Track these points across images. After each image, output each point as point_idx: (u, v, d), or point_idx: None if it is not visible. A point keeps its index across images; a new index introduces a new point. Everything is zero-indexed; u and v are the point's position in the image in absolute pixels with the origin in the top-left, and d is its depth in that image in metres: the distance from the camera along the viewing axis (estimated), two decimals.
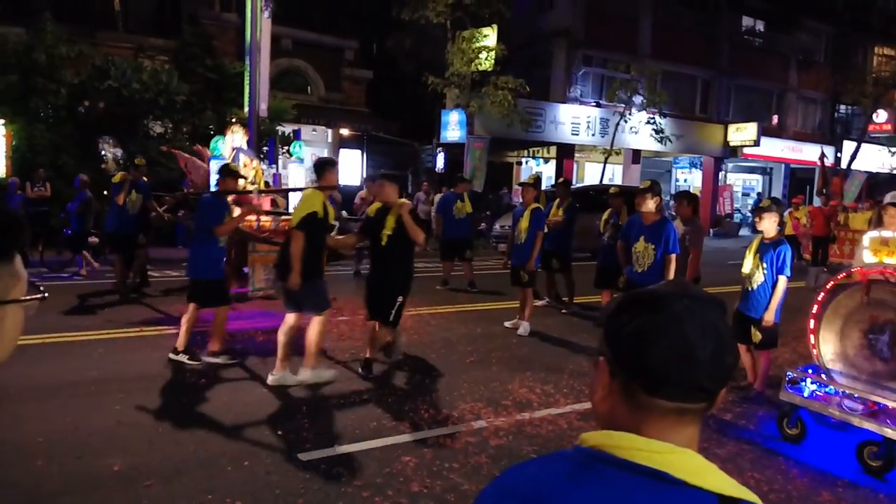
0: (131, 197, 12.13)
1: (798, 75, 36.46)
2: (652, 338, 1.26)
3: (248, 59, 18.26)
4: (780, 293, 7.55)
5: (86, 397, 7.01)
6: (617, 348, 1.31)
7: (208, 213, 8.29)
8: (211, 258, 8.26)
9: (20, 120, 17.82)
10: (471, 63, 23.54)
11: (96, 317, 10.14)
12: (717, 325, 1.28)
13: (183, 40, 21.05)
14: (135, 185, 12.24)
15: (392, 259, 7.92)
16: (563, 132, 28.51)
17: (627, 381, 1.30)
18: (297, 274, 7.27)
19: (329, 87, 26.89)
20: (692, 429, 1.31)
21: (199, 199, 9.50)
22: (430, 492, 5.28)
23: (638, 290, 1.36)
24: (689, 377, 1.26)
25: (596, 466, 1.26)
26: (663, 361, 1.25)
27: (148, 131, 19.74)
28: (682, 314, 1.27)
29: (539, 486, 1.28)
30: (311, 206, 7.41)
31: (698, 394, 1.28)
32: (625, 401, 1.31)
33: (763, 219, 7.75)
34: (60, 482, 5.17)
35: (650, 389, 1.27)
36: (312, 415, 6.42)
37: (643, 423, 1.29)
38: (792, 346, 9.93)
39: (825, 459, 6.33)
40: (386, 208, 7.95)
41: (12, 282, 1.26)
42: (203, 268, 8.24)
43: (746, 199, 38.22)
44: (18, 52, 17.69)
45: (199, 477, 5.37)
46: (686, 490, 1.21)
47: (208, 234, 8.13)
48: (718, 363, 1.27)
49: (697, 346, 1.25)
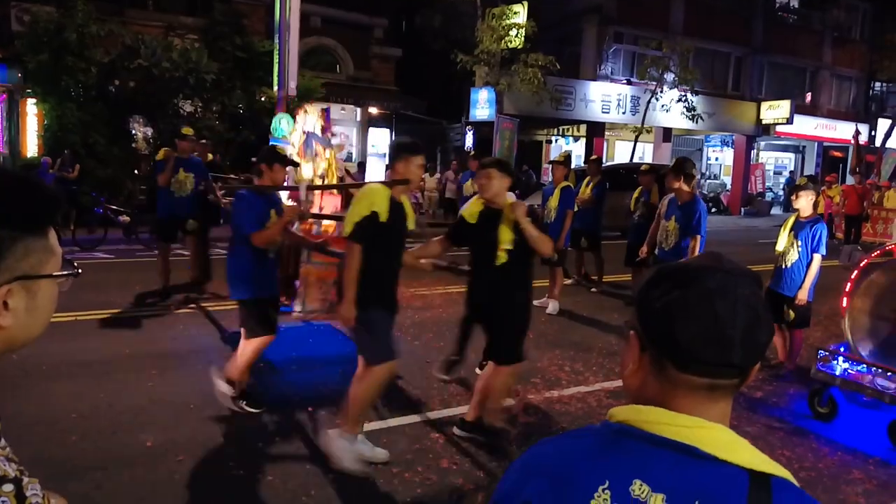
0: (178, 176, 10.13)
1: (832, 52, 35.94)
2: (682, 314, 1.25)
3: (278, 37, 18.28)
4: (814, 272, 7.48)
5: (119, 374, 7.08)
6: (648, 323, 1.30)
7: (241, 215, 6.17)
8: (249, 272, 6.17)
9: (51, 99, 17.97)
10: (500, 40, 23.44)
11: (128, 294, 10.21)
12: (750, 301, 1.26)
13: (213, 19, 21.08)
14: (183, 162, 10.20)
15: (508, 283, 5.58)
16: (594, 110, 28.31)
17: (658, 357, 1.29)
18: (350, 303, 5.09)
19: (358, 66, 26.88)
20: (723, 404, 1.29)
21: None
22: (459, 468, 5.31)
23: (672, 263, 1.35)
24: (720, 354, 1.24)
25: (623, 441, 1.26)
26: (694, 338, 1.24)
27: (178, 110, 19.84)
28: (713, 290, 1.25)
29: (567, 461, 1.29)
30: (368, 206, 5.13)
31: (729, 370, 1.26)
32: (655, 376, 1.30)
33: (800, 197, 7.68)
34: (95, 457, 5.23)
35: (681, 365, 1.26)
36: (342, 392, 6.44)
37: (673, 398, 1.28)
38: (824, 324, 9.86)
39: (856, 438, 6.29)
40: (495, 212, 5.58)
41: (46, 257, 1.26)
42: (240, 285, 6.20)
43: (778, 178, 37.82)
44: (49, 31, 17.73)
45: (230, 453, 5.43)
46: (715, 465, 1.21)
47: (245, 241, 6.10)
48: (751, 340, 1.25)
49: (729, 323, 1.23)
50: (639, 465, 1.23)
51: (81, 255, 13.57)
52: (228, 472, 5.08)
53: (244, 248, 6.12)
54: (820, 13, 34.75)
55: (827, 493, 5.23)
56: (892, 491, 5.36)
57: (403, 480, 5.10)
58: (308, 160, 8.32)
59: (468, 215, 5.74)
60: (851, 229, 21.16)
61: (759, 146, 36.26)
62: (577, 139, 32.04)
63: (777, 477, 1.21)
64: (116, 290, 9.46)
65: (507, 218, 5.47)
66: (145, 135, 19.77)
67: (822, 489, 5.28)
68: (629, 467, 1.23)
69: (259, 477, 5.04)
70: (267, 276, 6.31)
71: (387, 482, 5.07)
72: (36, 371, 6.91)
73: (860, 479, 5.51)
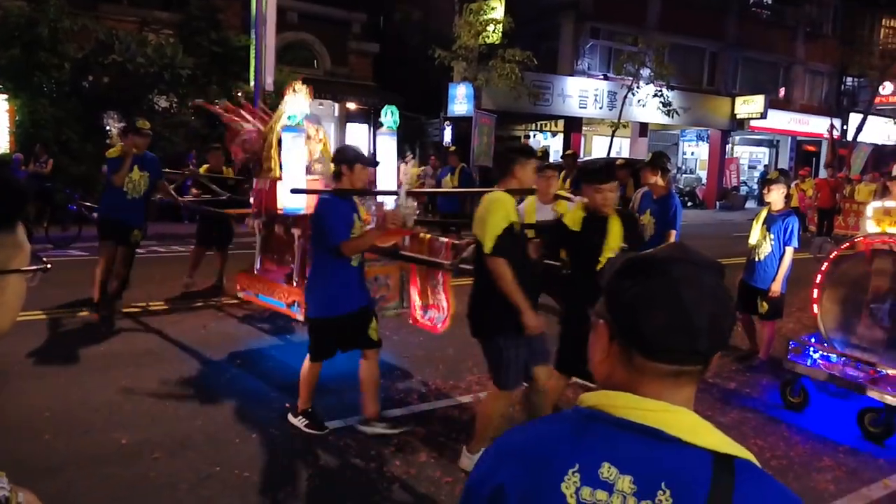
0: (132, 175, 8.94)
1: (805, 47, 36.17)
2: (650, 305, 1.29)
3: (254, 32, 18.28)
4: (786, 264, 7.60)
5: (93, 372, 7.05)
6: (616, 314, 1.34)
7: (329, 220, 5.39)
8: (330, 286, 5.53)
9: (23, 95, 17.76)
10: (478, 36, 23.42)
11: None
12: (715, 291, 1.31)
13: (188, 13, 20.92)
14: (138, 160, 9.01)
15: None
16: (571, 105, 28.41)
17: (626, 345, 1.33)
18: (529, 310, 4.81)
19: (335, 61, 26.78)
20: (688, 389, 1.34)
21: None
22: (438, 461, 5.35)
23: (639, 254, 1.38)
24: (686, 342, 1.28)
25: (593, 425, 1.30)
26: (661, 328, 1.28)
27: (153, 106, 19.67)
28: (679, 280, 1.29)
29: (539, 445, 1.32)
30: (505, 217, 4.79)
31: (695, 357, 1.31)
32: (623, 363, 1.34)
33: (771, 190, 7.77)
34: (68, 456, 5.22)
35: (648, 354, 1.30)
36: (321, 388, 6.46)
37: (641, 384, 1.32)
38: (796, 315, 9.97)
39: (827, 426, 6.40)
40: (600, 218, 5.32)
41: (14, 252, 1.26)
42: (317, 302, 5.61)
43: (753, 172, 38.08)
44: (21, 26, 17.53)
45: (207, 450, 5.43)
46: (680, 447, 1.24)
47: (332, 252, 5.38)
48: (716, 328, 1.29)
49: (695, 312, 1.27)
50: (607, 448, 1.27)
51: (55, 253, 13.47)
52: (204, 470, 5.08)
53: (326, 258, 5.48)
54: (793, 8, 34.92)
55: (798, 480, 5.32)
56: (861, 478, 5.46)
57: (381, 475, 5.13)
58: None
59: (571, 222, 5.44)
60: (824, 222, 21.39)
61: (734, 141, 36.50)
62: (554, 134, 32.09)
63: (740, 458, 1.25)
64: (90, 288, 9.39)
65: (614, 222, 5.27)
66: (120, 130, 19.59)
67: (794, 476, 5.37)
68: (598, 451, 1.27)
69: (235, 473, 5.04)
70: (350, 290, 5.58)
71: (364, 477, 5.12)
72: (8, 369, 6.88)
73: (830, 466, 5.61)
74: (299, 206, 6.87)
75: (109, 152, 9.14)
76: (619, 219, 5.30)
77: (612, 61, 29.62)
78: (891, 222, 6.65)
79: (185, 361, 7.53)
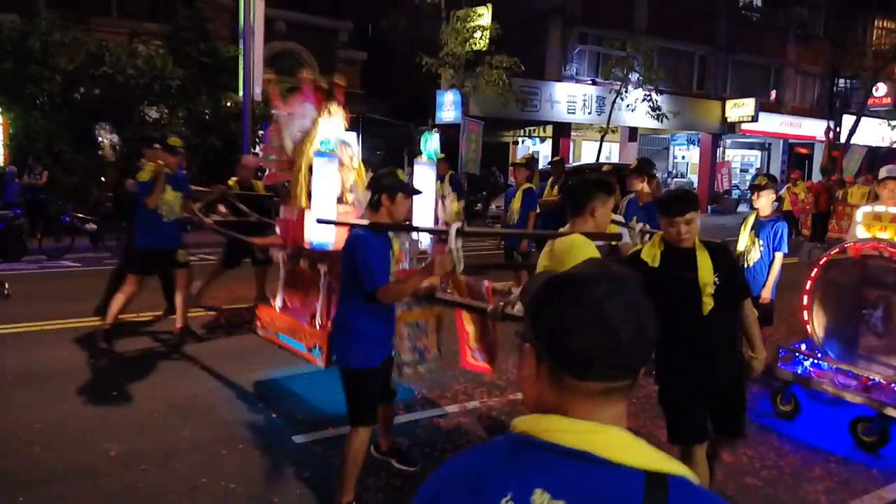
0: (166, 196, 8.32)
1: (796, 50, 36.29)
2: (575, 325, 1.29)
3: (242, 42, 18.29)
4: (776, 270, 7.53)
5: (84, 383, 7.08)
6: (541, 336, 1.34)
7: (365, 259, 4.46)
8: (377, 331, 4.71)
9: (16, 108, 17.79)
10: (465, 43, 23.45)
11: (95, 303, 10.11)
12: (637, 304, 1.31)
13: (177, 24, 20.93)
14: (171, 179, 8.39)
15: (721, 333, 4.50)
16: (559, 111, 28.43)
17: (554, 367, 1.32)
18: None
19: (323, 70, 26.64)
20: (619, 405, 1.34)
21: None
22: (422, 472, 5.32)
23: (558, 274, 1.39)
24: (614, 358, 1.29)
25: (525, 451, 1.30)
26: (588, 348, 1.28)
27: (144, 117, 19.65)
28: (601, 297, 1.29)
29: (474, 474, 1.32)
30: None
31: (624, 372, 1.31)
32: (552, 385, 1.34)
33: (760, 196, 7.69)
34: (57, 468, 5.23)
35: (577, 374, 1.30)
36: (307, 398, 6.41)
37: (571, 404, 1.32)
38: (788, 321, 9.93)
39: (818, 435, 6.37)
40: (683, 251, 4.48)
41: None
42: (358, 350, 4.63)
43: (745, 176, 38.11)
44: (13, 40, 17.56)
45: (194, 461, 5.43)
46: (612, 468, 1.24)
47: (367, 297, 4.50)
48: (641, 341, 1.30)
49: (620, 328, 1.27)
50: (539, 474, 1.26)
51: (48, 264, 13.54)
52: (191, 482, 5.08)
53: (359, 303, 4.56)
54: (783, 11, 35.05)
55: (789, 491, 5.32)
56: (852, 488, 5.45)
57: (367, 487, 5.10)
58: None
59: (649, 258, 4.51)
60: (818, 226, 21.32)
61: (725, 144, 36.58)
62: (543, 140, 32.13)
63: (673, 476, 1.25)
64: (83, 299, 9.37)
65: (703, 257, 4.43)
66: (111, 142, 19.60)
67: (784, 487, 5.36)
68: (531, 477, 1.27)
69: (221, 485, 5.04)
70: (389, 333, 4.91)
71: None
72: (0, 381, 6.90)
73: (821, 476, 5.59)
74: (327, 241, 6.12)
75: (140, 175, 8.33)
76: (706, 250, 4.48)
77: (600, 66, 29.66)
78: (881, 227, 6.63)
79: (175, 371, 7.57)
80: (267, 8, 19.45)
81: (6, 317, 9.14)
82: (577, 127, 30.39)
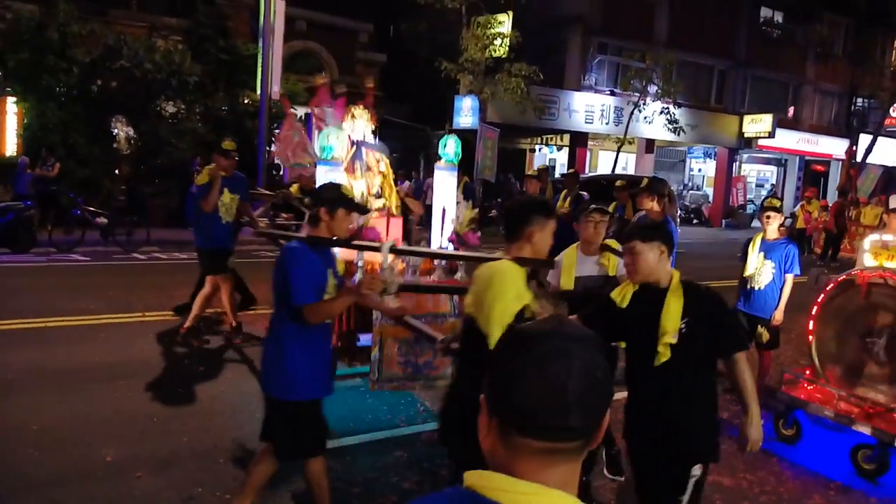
0: (223, 199, 8.50)
1: (815, 67, 36.20)
2: (517, 379, 1.28)
3: (262, 40, 18.35)
4: (788, 292, 7.48)
5: (86, 384, 7.03)
6: (492, 387, 1.33)
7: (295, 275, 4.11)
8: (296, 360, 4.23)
9: (32, 98, 17.88)
10: (485, 49, 23.43)
11: (102, 299, 10.15)
12: (587, 364, 1.29)
13: (196, 20, 21.00)
14: (227, 181, 8.53)
15: (678, 391, 3.69)
16: (577, 120, 28.41)
17: (501, 421, 1.31)
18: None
19: (343, 70, 26.82)
20: (564, 469, 1.32)
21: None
22: (420, 488, 5.30)
23: (514, 329, 1.38)
24: (555, 417, 1.26)
25: None
26: (528, 402, 1.27)
27: (160, 111, 19.76)
28: (548, 355, 1.28)
29: None
30: (516, 298, 3.48)
31: (568, 433, 1.28)
32: (502, 440, 1.32)
33: (772, 218, 7.60)
34: (53, 471, 5.19)
35: (519, 429, 1.29)
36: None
37: (516, 462, 1.30)
38: (795, 343, 9.89)
39: (819, 461, 6.31)
40: (657, 291, 3.74)
41: None
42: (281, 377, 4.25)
43: (760, 191, 38.04)
44: (31, 30, 17.63)
45: (191, 469, 5.40)
46: None
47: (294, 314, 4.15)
48: (587, 403, 1.28)
49: (563, 387, 1.26)
50: None
51: (57, 257, 13.55)
52: (187, 491, 5.05)
53: (288, 325, 4.19)
54: (803, 28, 34.96)
55: None
56: None
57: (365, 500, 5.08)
58: (359, 176, 6.93)
59: (619, 297, 3.90)
60: (830, 246, 21.14)
61: (742, 159, 36.47)
62: (560, 148, 32.11)
63: None
64: (91, 295, 9.36)
65: (674, 296, 3.68)
66: (127, 135, 19.67)
67: None
68: None
69: (216, 495, 5.01)
70: (323, 366, 4.41)
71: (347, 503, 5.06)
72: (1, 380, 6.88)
73: None
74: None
75: (198, 179, 8.59)
76: (681, 292, 3.70)
77: (619, 77, 29.58)
78: (888, 256, 6.60)
79: (178, 374, 7.52)
80: (287, 7, 19.51)
81: (9, 312, 9.09)
82: (594, 137, 30.35)
